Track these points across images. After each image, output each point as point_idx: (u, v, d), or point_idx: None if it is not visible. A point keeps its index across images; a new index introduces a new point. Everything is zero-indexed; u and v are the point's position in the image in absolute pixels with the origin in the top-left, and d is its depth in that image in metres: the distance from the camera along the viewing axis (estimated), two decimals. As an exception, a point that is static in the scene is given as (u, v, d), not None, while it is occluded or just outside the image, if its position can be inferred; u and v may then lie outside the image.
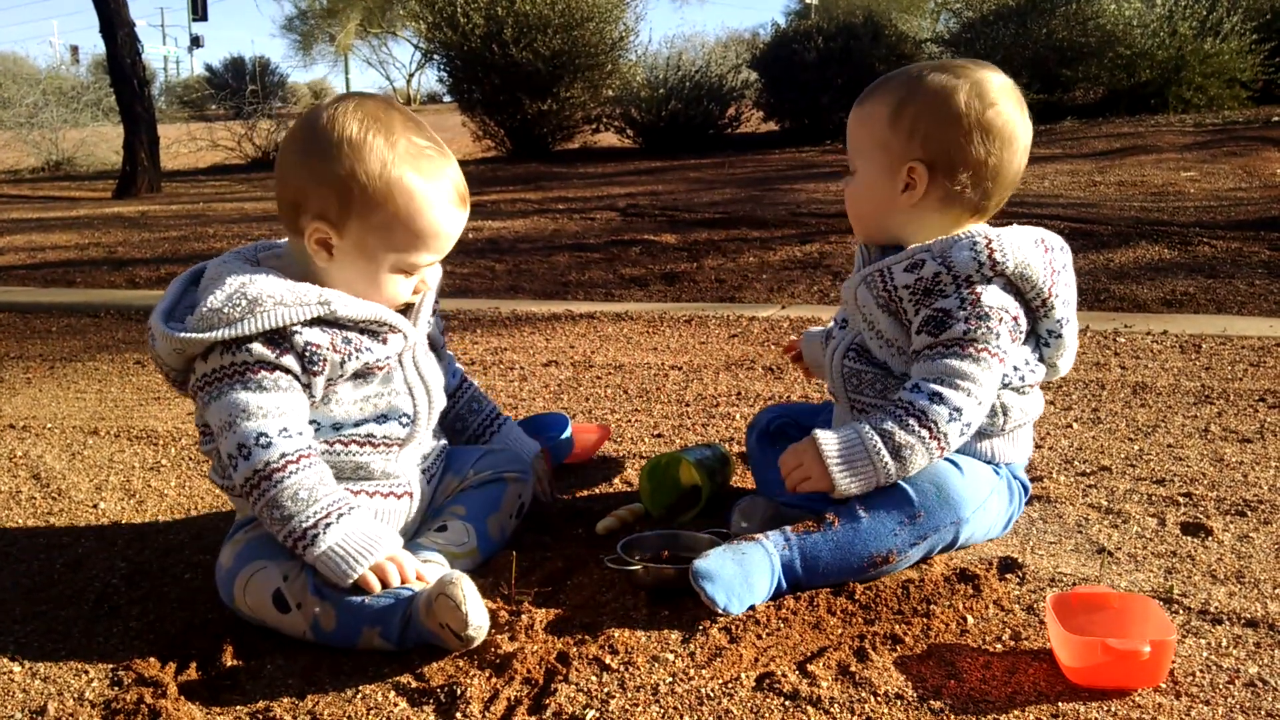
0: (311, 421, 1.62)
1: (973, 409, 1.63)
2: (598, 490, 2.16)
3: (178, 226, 7.28)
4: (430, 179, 1.61)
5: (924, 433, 1.61)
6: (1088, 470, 2.14)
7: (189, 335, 1.54)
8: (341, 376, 1.62)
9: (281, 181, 1.64)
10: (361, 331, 1.63)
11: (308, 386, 1.59)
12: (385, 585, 1.52)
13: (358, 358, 1.61)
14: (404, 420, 1.70)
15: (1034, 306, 1.71)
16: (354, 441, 1.65)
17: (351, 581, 1.51)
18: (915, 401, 1.62)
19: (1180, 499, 1.97)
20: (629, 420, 2.62)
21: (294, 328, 1.56)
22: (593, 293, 4.51)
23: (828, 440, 1.63)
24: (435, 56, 13.33)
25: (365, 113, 1.60)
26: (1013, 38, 11.93)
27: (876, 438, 1.61)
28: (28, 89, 15.51)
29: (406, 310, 1.73)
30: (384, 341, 1.65)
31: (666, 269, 4.86)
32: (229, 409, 1.54)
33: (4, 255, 6.34)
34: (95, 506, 2.18)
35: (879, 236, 1.81)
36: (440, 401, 1.78)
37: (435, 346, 1.86)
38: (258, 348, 1.55)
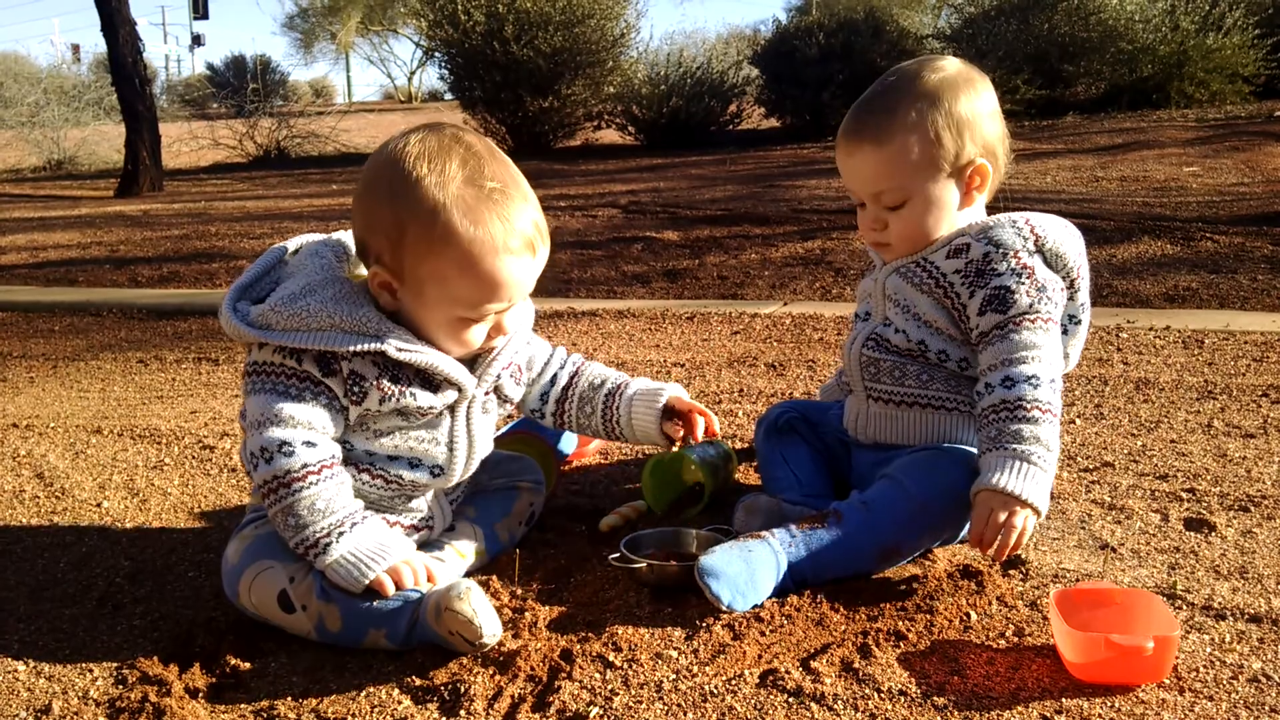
0: (345, 443, 1.60)
1: (1054, 369, 1.66)
2: (601, 488, 2.16)
3: (180, 225, 7.28)
4: (487, 224, 1.47)
5: (1039, 414, 1.59)
6: (1091, 466, 2.14)
7: (243, 330, 1.54)
8: (380, 413, 1.58)
9: (353, 220, 1.59)
10: (416, 374, 1.57)
11: (344, 410, 1.57)
12: (399, 587, 1.51)
13: (400, 400, 1.56)
14: (435, 471, 1.66)
15: (1064, 287, 1.74)
16: (381, 477, 1.63)
17: (364, 586, 1.50)
18: (1019, 396, 1.60)
19: (1183, 494, 1.97)
20: (631, 417, 2.62)
21: (345, 354, 1.53)
22: (595, 290, 4.51)
23: (997, 480, 1.55)
24: (436, 54, 13.32)
25: (425, 148, 1.48)
26: (1014, 33, 11.91)
27: (1019, 446, 1.57)
28: (29, 88, 15.51)
29: (477, 360, 1.64)
30: (436, 391, 1.59)
31: (668, 266, 4.85)
32: (263, 409, 1.53)
33: (6, 254, 6.34)
34: (99, 505, 2.18)
35: (921, 249, 1.78)
36: (481, 456, 1.72)
37: (502, 392, 1.74)
38: (308, 360, 1.53)
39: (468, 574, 1.71)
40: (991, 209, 1.84)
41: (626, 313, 3.84)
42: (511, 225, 1.50)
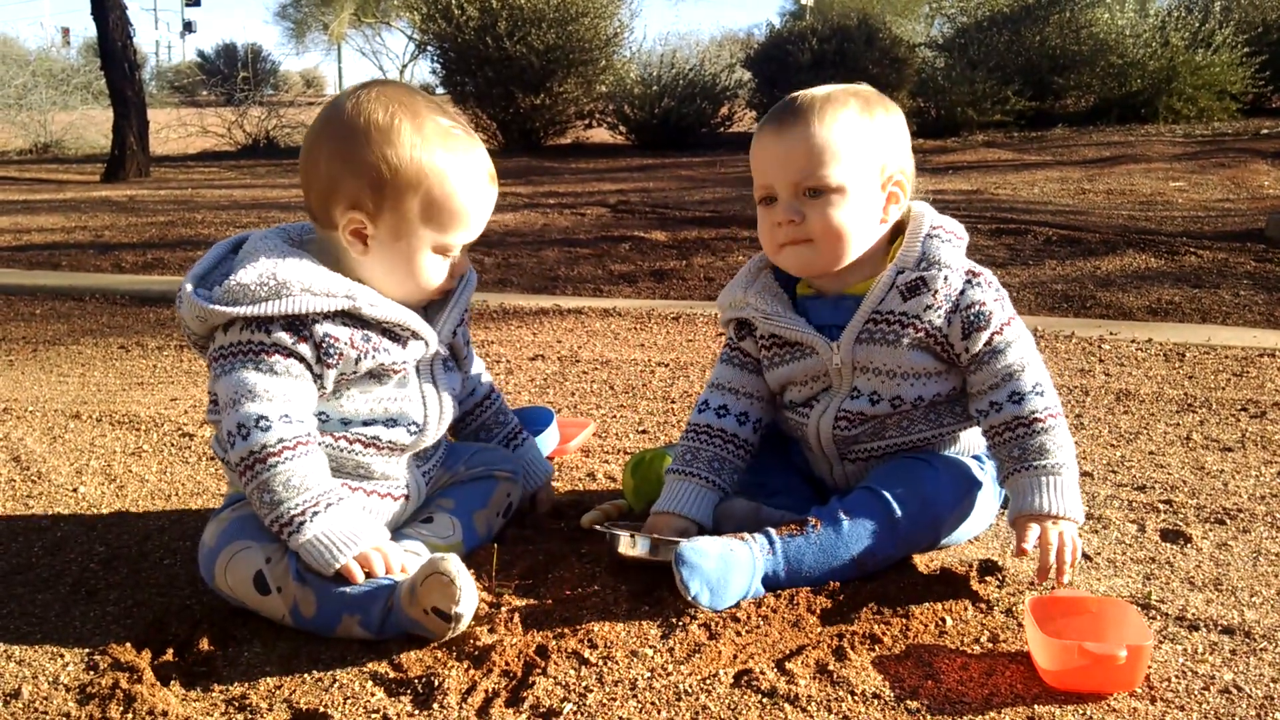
0: (321, 414, 1.61)
1: (1043, 367, 1.69)
2: (581, 485, 2.16)
3: (165, 212, 7.24)
4: (459, 159, 1.61)
5: (1052, 422, 1.64)
6: (1070, 475, 2.14)
7: (213, 306, 1.55)
8: (355, 374, 1.61)
9: (310, 175, 1.63)
10: (383, 332, 1.62)
11: (319, 377, 1.59)
12: (369, 575, 1.51)
13: (374, 357, 1.61)
14: (412, 428, 1.69)
15: None
16: (359, 441, 1.64)
17: (335, 570, 1.50)
18: (1031, 410, 1.64)
19: (1160, 506, 1.98)
20: (614, 416, 2.62)
21: (315, 317, 1.56)
22: (581, 288, 4.51)
23: (1036, 503, 1.59)
24: (429, 48, 13.30)
25: (389, 98, 1.59)
26: (1006, 44, 11.98)
27: (1045, 460, 1.62)
28: (17, 70, 15.40)
29: (434, 317, 1.71)
30: (404, 345, 1.65)
31: (655, 266, 4.86)
32: (236, 387, 1.53)
33: (-11, 236, 6.29)
34: (75, 490, 2.17)
35: (839, 266, 1.70)
36: (450, 414, 1.76)
37: (459, 356, 1.83)
38: (277, 331, 1.54)
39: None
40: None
41: (612, 311, 3.84)
42: (477, 159, 1.65)
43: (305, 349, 1.56)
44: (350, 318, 1.59)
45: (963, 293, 1.67)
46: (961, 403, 1.75)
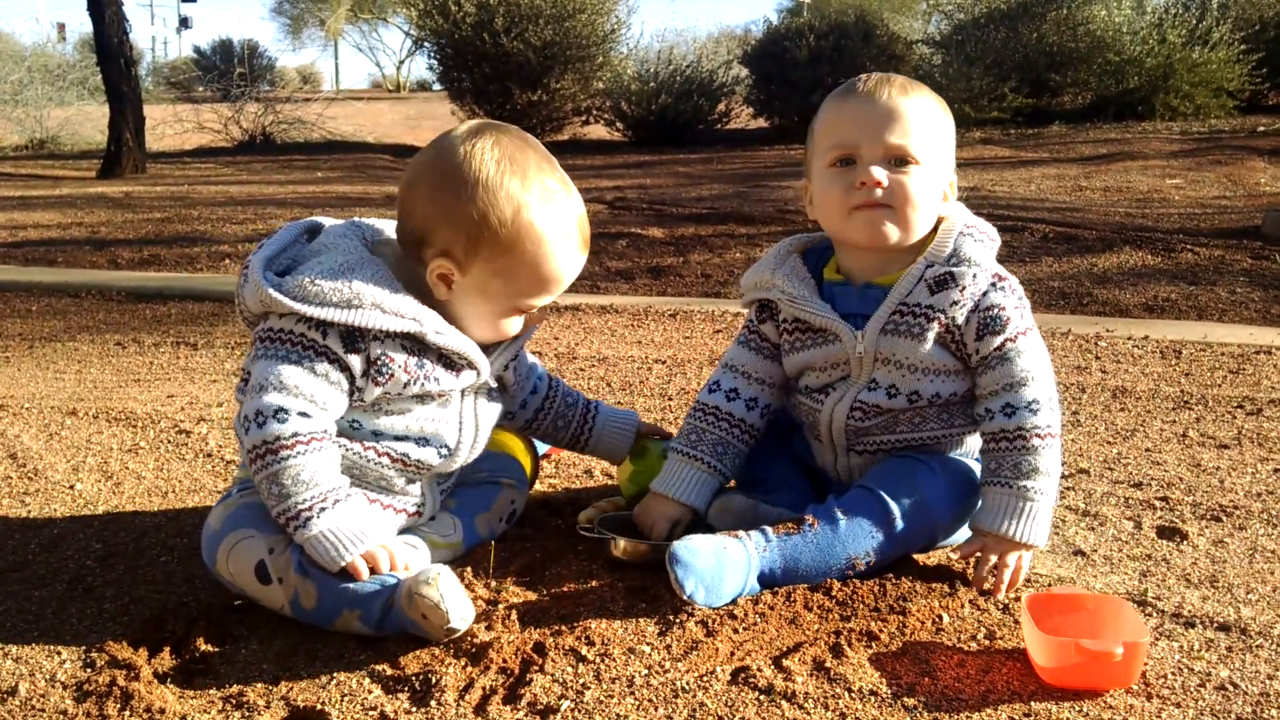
0: (353, 422, 1.60)
1: (1050, 384, 1.67)
2: (579, 482, 2.16)
3: (162, 208, 7.23)
4: (559, 225, 1.59)
5: (1037, 441, 1.62)
6: (1066, 473, 2.15)
7: (278, 296, 1.53)
8: (400, 395, 1.60)
9: (408, 211, 1.61)
10: (440, 359, 1.61)
11: (360, 390, 1.57)
12: (374, 572, 1.51)
13: (423, 385, 1.60)
14: (443, 451, 1.68)
15: None
16: (387, 455, 1.63)
17: (340, 567, 1.50)
18: (1019, 425, 1.63)
19: (1157, 503, 1.99)
20: (611, 413, 2.62)
21: (377, 334, 1.55)
22: (578, 285, 4.45)
23: (997, 525, 1.60)
24: (426, 44, 13.29)
25: (502, 152, 1.57)
26: (1003, 41, 11.97)
27: (1020, 482, 1.61)
28: (13, 66, 15.34)
29: (491, 348, 1.69)
30: (457, 374, 1.63)
31: (653, 263, 4.86)
32: (269, 374, 1.52)
33: (-15, 233, 6.28)
34: (72, 487, 2.16)
35: (906, 242, 1.69)
36: (485, 441, 1.75)
37: (505, 385, 1.80)
38: (332, 336, 1.53)
39: (443, 564, 1.71)
40: None
41: (609, 308, 3.84)
42: (576, 225, 1.63)
43: (355, 360, 1.55)
44: (411, 340, 1.58)
45: (985, 294, 1.66)
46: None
